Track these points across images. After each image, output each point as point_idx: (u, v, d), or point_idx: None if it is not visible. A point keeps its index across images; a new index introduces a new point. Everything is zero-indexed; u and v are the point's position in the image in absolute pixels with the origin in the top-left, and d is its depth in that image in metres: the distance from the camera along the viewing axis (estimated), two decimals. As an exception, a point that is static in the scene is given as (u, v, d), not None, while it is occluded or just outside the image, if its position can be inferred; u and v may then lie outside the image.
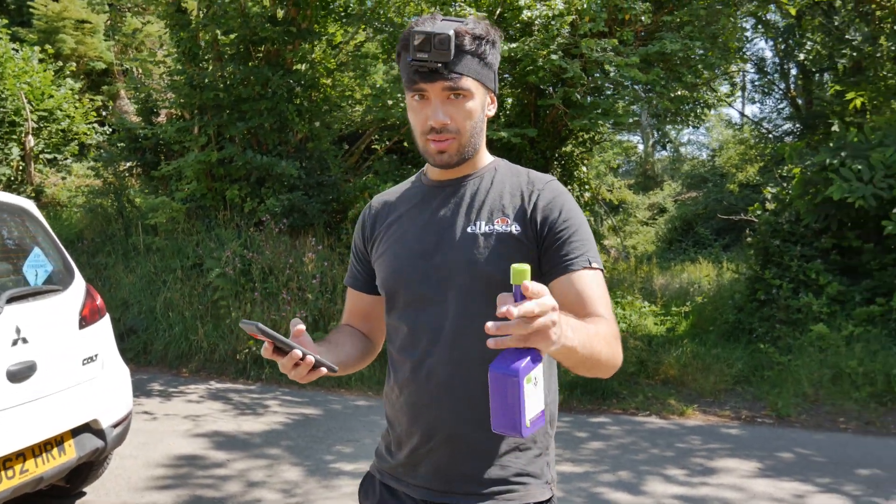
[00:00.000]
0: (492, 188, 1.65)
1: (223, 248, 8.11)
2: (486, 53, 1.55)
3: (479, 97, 1.57)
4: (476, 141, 1.61)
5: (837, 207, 7.51)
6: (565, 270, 1.54)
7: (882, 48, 8.58)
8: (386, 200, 1.80)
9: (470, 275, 1.57)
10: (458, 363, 1.57)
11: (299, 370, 1.43)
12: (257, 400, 6.53)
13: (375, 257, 1.74)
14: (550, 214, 1.58)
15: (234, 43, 9.12)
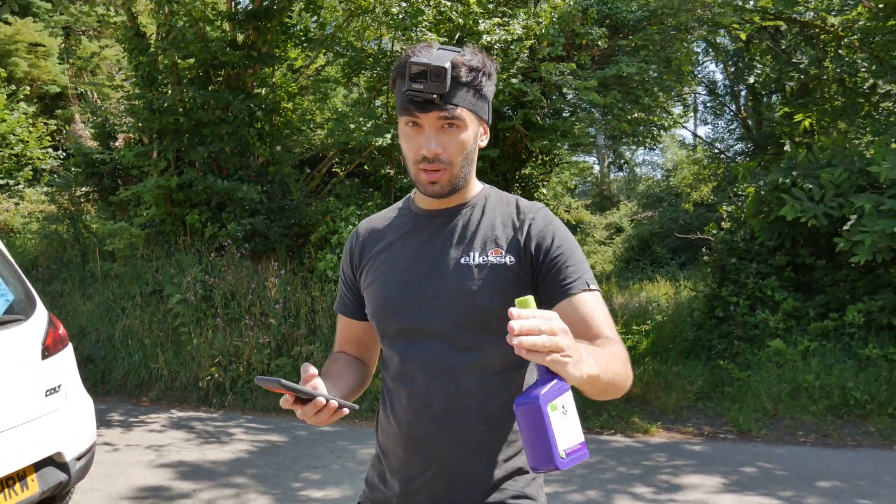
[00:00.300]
0: (483, 218, 1.64)
1: (183, 273, 8.01)
2: (482, 85, 1.55)
3: (472, 128, 1.57)
4: (467, 171, 1.60)
5: (790, 226, 7.72)
6: (565, 295, 1.54)
7: (827, 70, 8.89)
8: (373, 227, 1.77)
9: (465, 306, 1.56)
10: (455, 394, 1.57)
11: (321, 416, 1.43)
12: (221, 428, 6.44)
13: (364, 285, 1.72)
14: (543, 242, 1.58)
15: (193, 67, 9.07)
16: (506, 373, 1.59)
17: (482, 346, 1.57)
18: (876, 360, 6.71)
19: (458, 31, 8.89)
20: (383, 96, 10.12)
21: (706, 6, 8.14)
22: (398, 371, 1.64)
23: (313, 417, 1.42)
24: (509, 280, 1.57)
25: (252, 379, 7.23)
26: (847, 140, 8.52)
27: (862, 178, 7.19)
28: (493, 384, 1.58)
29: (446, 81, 1.47)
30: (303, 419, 1.43)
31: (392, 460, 1.66)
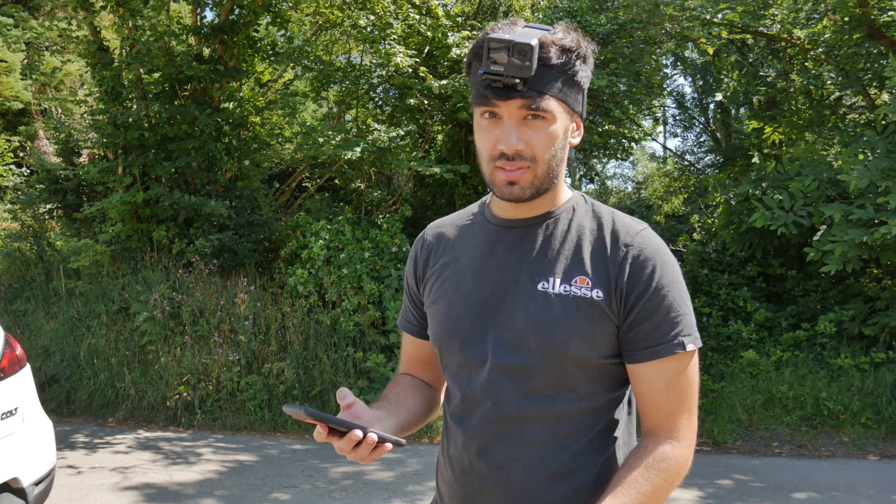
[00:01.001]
0: (569, 235, 1.37)
1: (150, 290, 7.84)
2: (576, 70, 1.30)
3: (561, 121, 1.31)
4: (555, 173, 1.34)
5: (761, 236, 7.78)
6: (652, 356, 1.30)
7: (794, 83, 9.00)
8: (442, 233, 1.53)
9: (538, 344, 1.32)
10: (518, 444, 1.35)
11: (359, 451, 1.24)
12: (189, 448, 6.28)
13: (428, 303, 1.49)
14: (640, 279, 1.31)
15: (158, 82, 8.93)
16: (583, 420, 1.36)
17: (555, 393, 1.34)
18: (848, 369, 6.75)
19: (427, 44, 8.87)
20: (353, 110, 10.05)
21: (674, 20, 8.20)
22: (457, 408, 1.43)
23: (352, 453, 1.24)
24: (594, 319, 1.31)
25: (221, 397, 7.08)
26: (815, 151, 8.62)
27: (831, 188, 7.26)
28: (567, 432, 1.35)
29: (532, 62, 1.22)
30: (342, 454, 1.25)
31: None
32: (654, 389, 1.31)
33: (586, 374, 1.33)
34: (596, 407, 1.35)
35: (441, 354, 1.46)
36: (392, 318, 7.27)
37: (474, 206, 1.53)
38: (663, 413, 1.31)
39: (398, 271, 7.64)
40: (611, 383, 1.36)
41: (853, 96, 9.12)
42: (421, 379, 1.60)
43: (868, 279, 7.72)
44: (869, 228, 6.55)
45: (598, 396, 1.35)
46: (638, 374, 1.32)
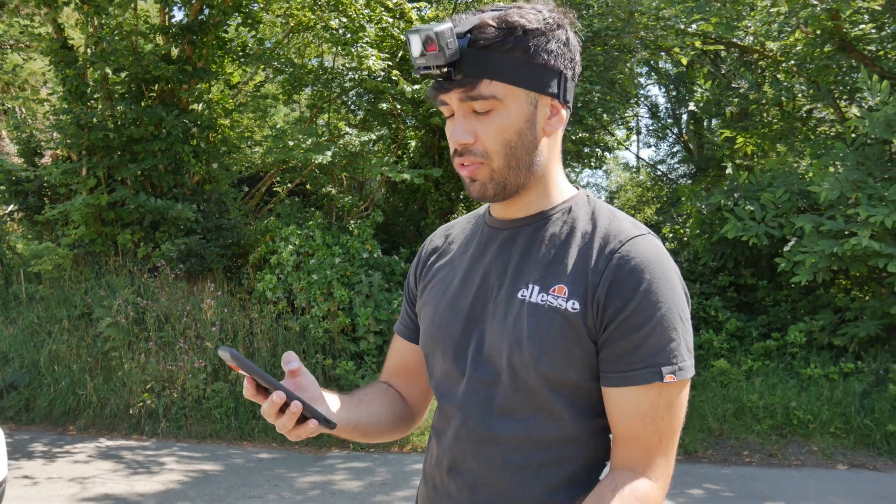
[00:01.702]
0: (558, 238, 1.23)
1: (114, 295, 7.65)
2: (532, 47, 1.15)
3: (516, 106, 1.17)
4: (522, 165, 1.20)
5: (732, 246, 7.80)
6: (622, 381, 1.14)
7: (766, 95, 9.07)
8: (447, 234, 1.44)
9: (508, 357, 1.20)
10: (489, 468, 1.23)
11: (283, 420, 1.13)
12: (152, 457, 6.11)
13: (420, 304, 1.40)
14: (620, 292, 1.14)
15: (125, 81, 8.74)
16: (563, 449, 1.21)
17: (531, 416, 1.20)
18: (817, 379, 6.77)
19: (400, 48, 8.79)
20: (325, 114, 9.94)
21: (649, 29, 8.21)
22: (437, 420, 1.33)
23: (275, 419, 1.13)
24: (567, 334, 1.16)
25: (186, 405, 6.91)
26: (787, 163, 8.68)
27: (802, 199, 7.30)
28: (543, 462, 1.21)
29: (445, 48, 1.10)
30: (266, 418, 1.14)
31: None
32: (628, 420, 1.15)
33: (565, 397, 1.19)
34: (579, 436, 1.21)
35: (427, 361, 1.37)
36: (362, 325, 7.16)
37: (483, 208, 1.41)
38: (639, 448, 1.15)
39: (369, 277, 7.53)
40: (593, 411, 1.21)
41: (824, 109, 9.22)
42: (398, 391, 1.47)
43: (837, 290, 7.78)
44: (839, 240, 6.58)
45: (579, 423, 1.20)
46: (610, 400, 1.17)
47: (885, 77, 7.36)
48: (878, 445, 6.20)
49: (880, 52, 8.39)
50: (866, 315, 7.07)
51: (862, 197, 6.45)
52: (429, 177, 8.44)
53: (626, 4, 8.19)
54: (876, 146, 7.08)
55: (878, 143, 7.06)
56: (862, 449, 6.23)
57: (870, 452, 6.18)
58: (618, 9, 8.12)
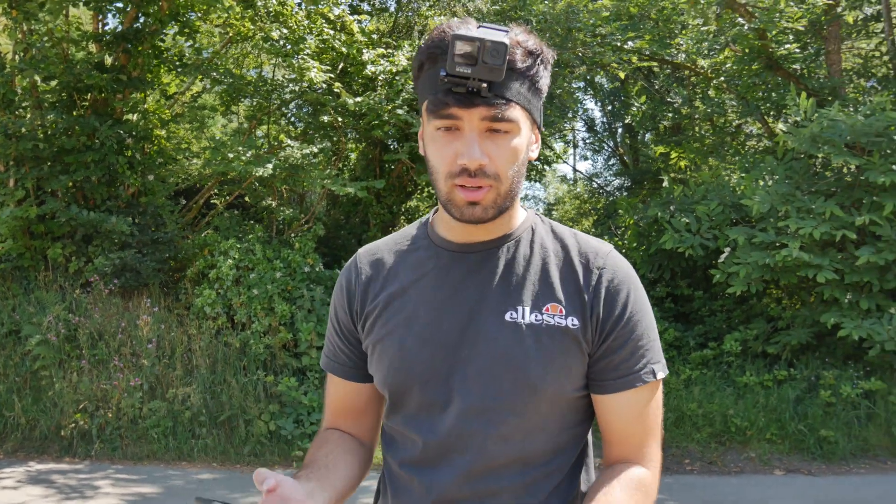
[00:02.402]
0: (533, 258, 1.25)
1: (44, 312, 7.35)
2: (540, 76, 1.17)
3: (525, 133, 1.18)
4: (516, 191, 1.21)
5: (669, 257, 8.00)
6: (625, 386, 1.21)
7: (698, 110, 9.35)
8: (379, 259, 1.34)
9: (511, 380, 1.19)
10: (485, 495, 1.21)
11: None
12: (86, 481, 5.88)
13: (371, 340, 1.30)
14: (615, 306, 1.21)
15: (55, 90, 8.45)
16: (552, 462, 1.25)
17: (527, 434, 1.22)
18: (753, 386, 6.98)
19: (341, 60, 8.75)
20: (264, 125, 9.80)
21: (586, 45, 8.38)
22: (414, 457, 1.26)
23: None
24: (570, 349, 1.20)
25: (121, 425, 6.68)
26: (719, 176, 8.98)
27: (734, 212, 7.53)
28: (535, 477, 1.23)
29: (504, 65, 1.08)
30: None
31: None
32: (625, 420, 1.23)
33: (557, 411, 1.24)
34: (563, 446, 1.26)
35: (393, 398, 1.29)
36: (304, 339, 7.06)
37: (412, 229, 1.37)
38: (635, 442, 1.23)
39: (311, 292, 7.44)
40: (577, 418, 1.28)
41: (752, 124, 9.56)
42: (351, 434, 1.39)
43: (770, 300, 8.05)
44: (770, 251, 6.82)
45: (565, 433, 1.27)
46: (608, 405, 1.23)
47: (809, 94, 7.68)
48: (812, 450, 6.42)
49: (804, 70, 8.76)
50: (797, 323, 7.33)
51: (791, 210, 6.70)
52: (370, 189, 8.40)
53: (565, 21, 8.35)
54: (803, 160, 7.37)
55: (805, 157, 7.36)
56: (797, 454, 6.44)
57: (804, 457, 6.39)
58: (556, 25, 8.27)
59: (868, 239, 6.78)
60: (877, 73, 9.57)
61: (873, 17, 9.32)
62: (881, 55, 9.68)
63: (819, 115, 6.71)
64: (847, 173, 7.23)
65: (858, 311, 6.65)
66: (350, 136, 9.45)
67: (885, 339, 6.33)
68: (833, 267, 6.55)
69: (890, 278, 6.64)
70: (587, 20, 8.45)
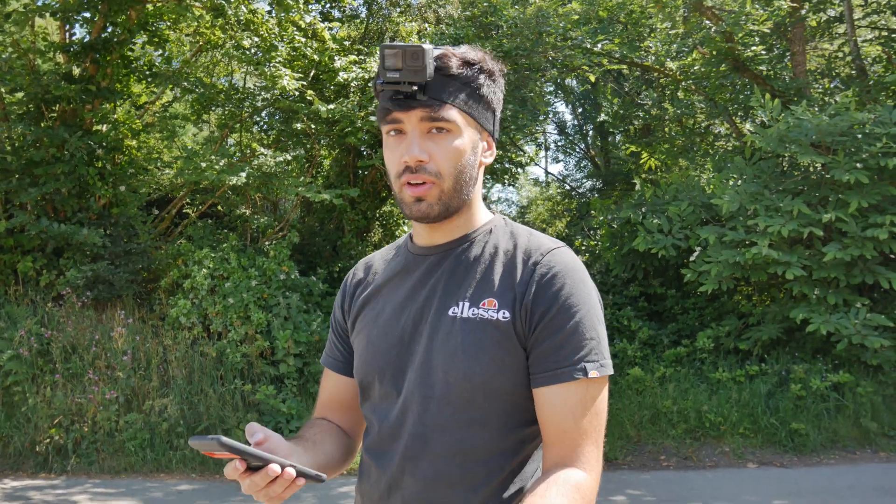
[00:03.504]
0: (481, 257, 1.32)
1: (16, 326, 7.26)
2: (481, 84, 1.28)
3: (468, 135, 1.28)
4: (464, 191, 1.29)
5: (642, 258, 8.10)
6: (552, 379, 1.23)
7: (668, 111, 9.48)
8: (370, 265, 1.49)
9: (444, 371, 1.26)
10: (427, 483, 1.27)
11: (273, 488, 1.13)
12: (62, 496, 5.82)
13: (353, 335, 1.44)
14: (544, 297, 1.25)
15: (22, 101, 8.36)
16: (494, 460, 1.28)
17: (465, 426, 1.26)
18: (726, 382, 7.09)
19: (313, 67, 8.76)
20: (236, 133, 9.77)
21: (557, 48, 8.47)
22: (373, 441, 1.36)
23: (263, 490, 1.13)
24: (500, 342, 1.25)
25: (98, 438, 6.62)
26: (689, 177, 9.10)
27: (705, 211, 7.65)
28: (478, 474, 1.27)
29: (426, 64, 1.19)
30: (249, 493, 1.14)
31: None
32: (558, 416, 1.22)
33: (497, 407, 1.27)
34: (508, 445, 1.28)
35: (362, 388, 1.40)
36: (281, 347, 7.05)
37: (401, 239, 1.49)
38: (570, 442, 1.22)
39: (286, 300, 7.43)
40: (523, 419, 1.29)
41: (721, 125, 9.70)
42: (338, 424, 1.50)
43: (740, 297, 8.18)
44: (740, 249, 6.94)
45: (510, 433, 1.28)
46: (541, 400, 1.24)
47: (775, 95, 7.83)
48: (784, 443, 6.54)
49: (770, 71, 8.92)
50: (768, 319, 7.46)
51: (760, 208, 6.83)
52: (345, 196, 8.41)
53: (535, 25, 8.43)
54: (770, 160, 7.51)
55: (773, 157, 7.49)
56: (769, 447, 6.56)
57: (776, 450, 6.51)
58: (526, 29, 8.34)
59: (834, 235, 6.92)
60: (840, 74, 9.77)
61: (836, 19, 9.52)
62: (844, 56, 9.88)
63: (785, 116, 6.84)
64: (813, 172, 7.38)
65: (826, 306, 6.79)
66: (323, 143, 9.45)
67: (852, 333, 6.47)
68: (801, 264, 6.68)
69: (856, 274, 6.78)
70: (557, 24, 8.54)
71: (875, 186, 6.71)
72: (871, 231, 6.48)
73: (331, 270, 8.89)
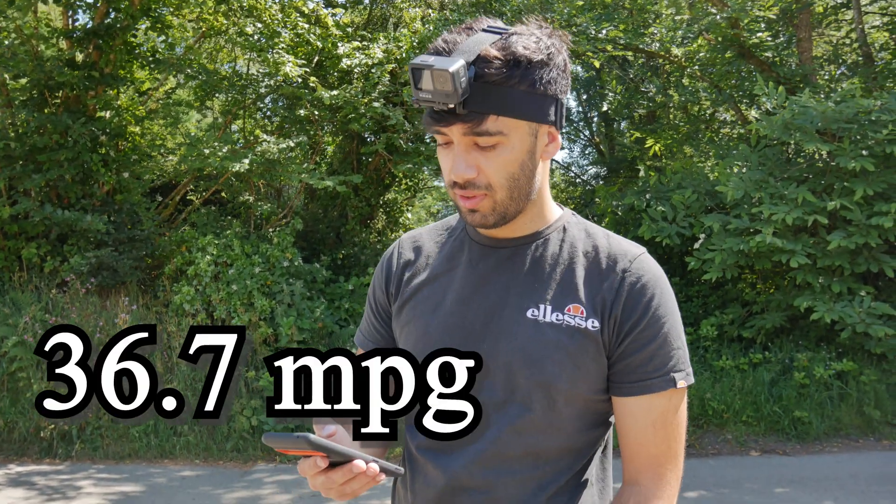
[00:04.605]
0: (560, 257, 1.26)
1: (20, 313, 7.29)
2: (534, 80, 1.15)
3: (520, 138, 1.18)
4: (523, 194, 1.22)
5: (646, 245, 8.07)
6: (642, 390, 1.21)
7: (672, 98, 9.42)
8: (420, 246, 1.39)
9: (526, 377, 1.22)
10: (495, 484, 1.24)
11: (353, 485, 1.09)
12: (67, 482, 5.85)
13: (401, 322, 1.36)
14: (637, 308, 1.21)
15: (26, 88, 8.35)
16: (563, 460, 1.26)
17: (541, 430, 1.24)
18: (729, 370, 7.08)
19: (316, 53, 8.72)
20: (240, 120, 9.75)
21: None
22: (431, 443, 1.29)
23: (340, 487, 1.09)
24: (587, 351, 1.21)
25: (102, 424, 6.66)
26: (693, 164, 9.06)
27: (709, 199, 7.62)
28: (546, 472, 1.25)
29: (457, 87, 1.08)
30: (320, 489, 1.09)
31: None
32: (641, 428, 1.23)
33: (573, 411, 1.25)
34: (578, 447, 1.28)
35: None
36: (285, 334, 7.06)
37: (452, 220, 1.41)
38: (648, 456, 1.23)
39: (290, 286, 7.43)
40: (595, 421, 1.29)
41: (726, 112, 9.64)
42: None
43: (744, 285, 8.16)
44: (744, 237, 6.91)
45: (581, 435, 1.28)
46: (624, 410, 1.24)
47: (780, 82, 7.77)
48: (787, 431, 6.54)
49: (776, 58, 8.86)
50: (772, 307, 7.44)
51: (764, 196, 6.79)
52: (348, 183, 8.40)
53: (539, 11, 8.37)
54: (776, 147, 7.47)
55: (778, 144, 7.45)
56: (772, 435, 6.56)
57: (779, 438, 6.51)
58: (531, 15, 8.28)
59: (839, 223, 6.89)
60: (847, 61, 9.70)
61: (843, 4, 9.44)
62: (851, 42, 9.81)
63: (790, 103, 6.79)
64: (818, 159, 7.34)
65: (830, 294, 6.76)
66: (326, 130, 9.43)
67: (856, 322, 6.45)
68: (805, 252, 6.66)
69: (860, 262, 6.76)
70: (562, 10, 8.48)
71: (881, 174, 6.67)
72: (876, 219, 6.44)
73: (334, 257, 8.89)
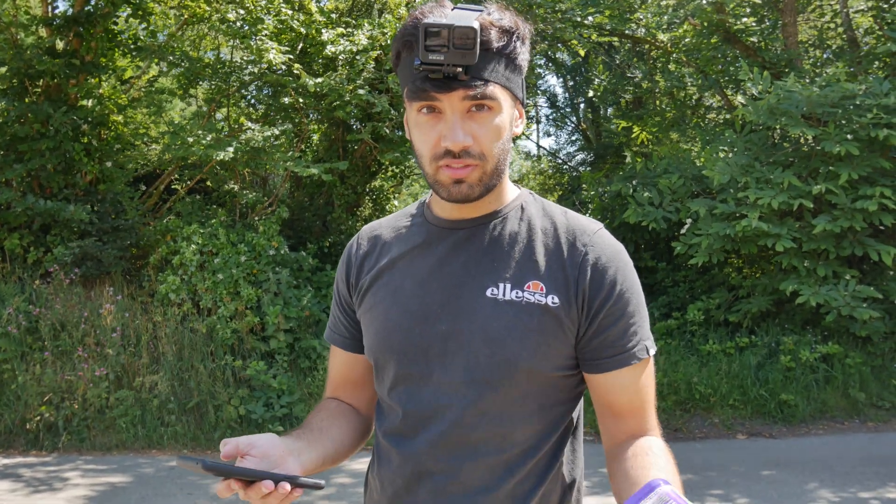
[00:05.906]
0: (519, 235, 1.26)
1: (3, 304, 7.21)
2: (517, 52, 1.19)
3: (507, 110, 1.20)
4: (502, 168, 1.22)
5: (633, 230, 8.10)
6: (621, 363, 1.23)
7: (658, 84, 9.42)
8: (377, 235, 1.39)
9: (487, 355, 1.21)
10: (461, 467, 1.23)
11: (269, 501, 1.10)
12: (54, 473, 5.82)
13: (362, 311, 1.35)
14: (603, 284, 1.22)
15: (5, 77, 8.23)
16: (529, 442, 1.25)
17: (503, 411, 1.23)
18: (716, 354, 7.12)
19: (300, 40, 8.65)
20: (224, 108, 9.67)
21: (547, 21, 8.38)
22: (395, 427, 1.29)
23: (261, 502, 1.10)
24: (549, 328, 1.21)
25: (88, 416, 6.61)
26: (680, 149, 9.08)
27: (695, 184, 7.64)
28: (512, 456, 1.24)
29: (476, 48, 1.09)
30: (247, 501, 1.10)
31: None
32: (629, 395, 1.25)
33: (537, 390, 1.24)
34: (544, 426, 1.26)
35: (377, 367, 1.33)
36: (272, 323, 7.03)
37: (412, 207, 1.40)
38: (637, 416, 1.25)
39: (276, 275, 7.40)
40: (560, 398, 1.28)
41: (712, 97, 9.66)
42: (349, 404, 1.44)
43: (731, 269, 8.20)
44: (731, 221, 6.94)
45: (546, 413, 1.26)
46: (608, 384, 1.24)
47: (765, 67, 7.78)
48: (773, 414, 6.59)
49: (761, 43, 8.87)
50: (758, 292, 7.49)
51: (750, 181, 6.82)
52: (334, 171, 8.35)
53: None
54: (761, 132, 7.49)
55: (764, 129, 7.47)
56: (758, 418, 6.61)
57: (766, 421, 6.56)
58: (517, 2, 8.25)
59: (824, 207, 6.93)
60: (832, 45, 9.73)
61: (827, -12, 9.46)
62: (836, 27, 9.83)
63: (776, 87, 6.81)
64: (804, 144, 7.36)
65: (816, 278, 6.81)
66: (312, 118, 9.37)
67: (841, 305, 6.50)
68: (791, 236, 6.69)
69: (845, 245, 6.80)
70: (546, -5, 8.45)
71: (865, 158, 6.70)
72: (861, 203, 6.48)
73: (321, 245, 8.85)
